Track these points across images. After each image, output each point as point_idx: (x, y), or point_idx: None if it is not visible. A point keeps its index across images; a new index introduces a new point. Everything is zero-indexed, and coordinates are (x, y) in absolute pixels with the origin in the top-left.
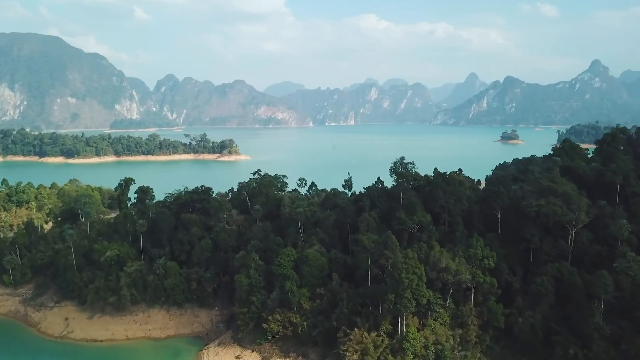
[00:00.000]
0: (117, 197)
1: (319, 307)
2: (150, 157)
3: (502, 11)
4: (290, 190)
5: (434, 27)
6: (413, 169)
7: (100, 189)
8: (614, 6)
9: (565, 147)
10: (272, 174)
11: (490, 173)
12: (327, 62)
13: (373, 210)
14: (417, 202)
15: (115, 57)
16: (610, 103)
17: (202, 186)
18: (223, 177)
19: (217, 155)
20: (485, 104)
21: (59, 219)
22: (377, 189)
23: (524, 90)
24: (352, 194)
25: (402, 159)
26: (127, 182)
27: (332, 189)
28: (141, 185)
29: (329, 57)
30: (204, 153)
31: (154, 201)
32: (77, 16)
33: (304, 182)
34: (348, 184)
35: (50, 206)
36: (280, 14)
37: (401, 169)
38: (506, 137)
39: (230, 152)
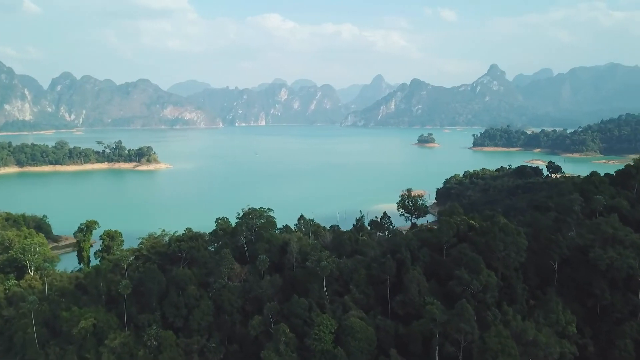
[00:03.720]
0: (77, 244)
1: None
2: (58, 168)
3: (406, 14)
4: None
5: (339, 29)
6: (422, 203)
7: (24, 217)
8: (506, 13)
9: (595, 181)
10: (206, 186)
11: (439, 185)
12: (233, 61)
13: (415, 264)
14: (478, 258)
15: (0, 52)
16: (507, 105)
17: (189, 230)
18: (147, 189)
19: (135, 164)
20: (393, 106)
21: None
22: (414, 236)
23: (430, 92)
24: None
25: (409, 190)
26: (89, 226)
27: (333, 226)
28: (107, 229)
29: (235, 56)
30: (119, 162)
31: (127, 249)
32: None
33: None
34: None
35: None
36: (183, 11)
37: (410, 204)
38: (423, 140)
39: (148, 161)
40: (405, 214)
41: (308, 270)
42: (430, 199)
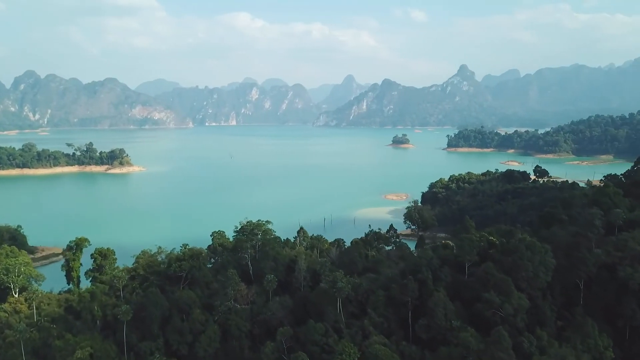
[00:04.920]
0: (66, 264)
1: None
2: (26, 171)
3: (375, 14)
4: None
5: (309, 28)
6: (429, 215)
7: None
8: (472, 14)
9: (609, 193)
10: (183, 190)
11: (420, 188)
12: (202, 60)
13: (437, 285)
14: (508, 279)
15: None
16: (477, 105)
17: (185, 245)
18: (123, 194)
19: (107, 167)
20: (364, 106)
21: None
22: (433, 252)
23: (401, 92)
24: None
25: (416, 202)
26: (79, 244)
27: (337, 239)
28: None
29: (205, 55)
30: (90, 165)
31: (121, 267)
32: None
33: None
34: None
35: None
36: (151, 8)
37: (417, 216)
38: (397, 141)
39: (121, 163)
40: (412, 226)
41: (321, 291)
42: (411, 202)
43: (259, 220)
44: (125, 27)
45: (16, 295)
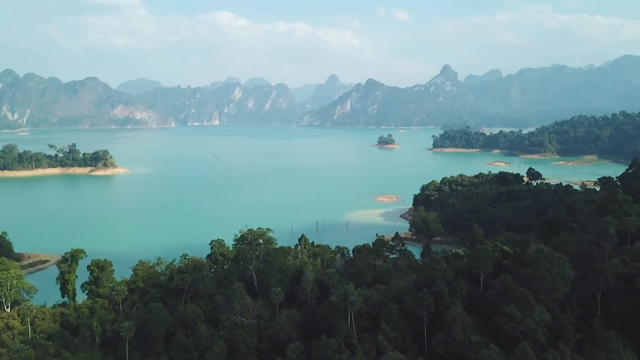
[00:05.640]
0: (61, 276)
1: None
2: (7, 173)
3: (359, 14)
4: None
5: (292, 27)
6: (435, 222)
7: None
8: (455, 15)
9: (619, 199)
10: (171, 193)
11: (409, 189)
12: (184, 59)
13: (454, 298)
14: (529, 293)
15: None
16: (460, 105)
17: (185, 255)
18: (109, 197)
19: (90, 168)
20: (349, 106)
21: None
22: (445, 262)
23: (385, 92)
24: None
25: (427, 211)
26: (75, 256)
27: (340, 248)
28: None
29: (187, 54)
30: (73, 166)
31: (119, 280)
32: None
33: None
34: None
35: None
36: (132, 7)
37: (423, 224)
38: (383, 142)
39: (105, 165)
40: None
41: (331, 304)
42: (402, 204)
43: (259, 228)
44: (106, 25)
45: (8, 310)
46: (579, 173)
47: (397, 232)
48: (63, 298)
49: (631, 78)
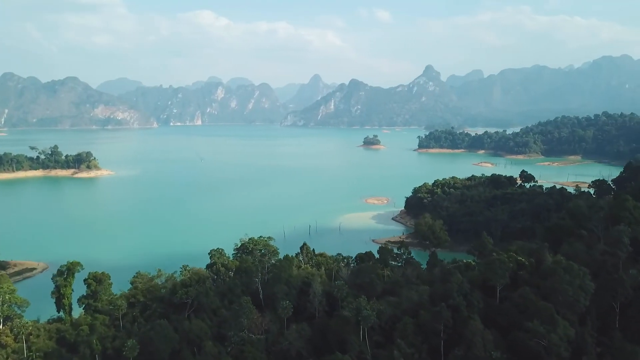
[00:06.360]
0: (56, 290)
1: None
2: None
3: (341, 14)
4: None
5: (274, 26)
6: (442, 230)
7: None
8: (436, 15)
9: (629, 207)
10: (157, 196)
11: (399, 190)
12: (166, 59)
13: (471, 311)
14: (551, 307)
15: None
16: (443, 105)
17: (186, 267)
18: (94, 200)
19: (73, 170)
20: (332, 106)
21: None
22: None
23: (368, 93)
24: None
25: (433, 219)
26: (71, 269)
27: (339, 254)
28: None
29: (168, 53)
30: (56, 168)
31: (118, 293)
32: None
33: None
34: None
35: None
36: (111, 5)
37: (431, 232)
38: (368, 142)
39: (88, 167)
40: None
41: (342, 318)
42: (393, 207)
43: (260, 237)
44: (85, 24)
45: (0, 326)
46: (565, 174)
47: (402, 240)
48: (58, 313)
49: (610, 78)
